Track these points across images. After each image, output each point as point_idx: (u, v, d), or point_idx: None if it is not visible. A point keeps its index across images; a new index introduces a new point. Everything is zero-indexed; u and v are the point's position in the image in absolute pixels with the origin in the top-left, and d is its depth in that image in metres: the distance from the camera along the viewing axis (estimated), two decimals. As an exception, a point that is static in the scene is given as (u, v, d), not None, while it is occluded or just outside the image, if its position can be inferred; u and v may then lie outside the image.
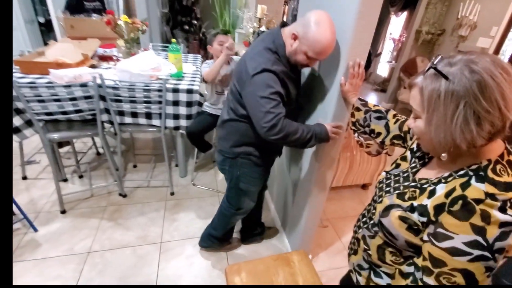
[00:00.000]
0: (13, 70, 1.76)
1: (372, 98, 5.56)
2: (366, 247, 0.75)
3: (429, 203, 0.57)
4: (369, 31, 0.99)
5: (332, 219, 2.14)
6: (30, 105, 1.57)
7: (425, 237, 0.58)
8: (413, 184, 0.65)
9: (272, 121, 0.99)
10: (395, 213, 0.63)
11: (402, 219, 0.61)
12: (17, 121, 1.75)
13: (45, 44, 4.44)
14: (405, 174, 0.71)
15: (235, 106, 1.15)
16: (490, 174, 0.53)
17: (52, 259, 1.59)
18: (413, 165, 0.72)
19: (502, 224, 0.48)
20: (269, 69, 0.99)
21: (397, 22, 5.85)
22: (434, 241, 0.55)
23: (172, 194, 2.16)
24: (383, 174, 0.79)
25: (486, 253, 0.49)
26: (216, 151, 1.35)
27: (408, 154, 0.77)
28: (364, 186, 2.51)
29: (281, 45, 1.05)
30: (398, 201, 0.65)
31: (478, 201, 0.50)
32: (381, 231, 0.68)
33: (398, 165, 0.77)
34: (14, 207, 1.70)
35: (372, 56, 6.11)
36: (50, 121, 1.79)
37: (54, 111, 1.69)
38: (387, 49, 6.03)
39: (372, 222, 0.73)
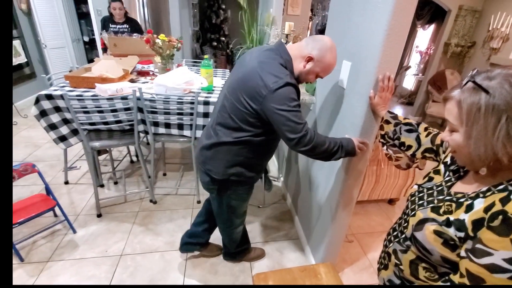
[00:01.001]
0: (63, 85, 1.96)
1: (398, 111, 5.42)
2: (397, 262, 0.73)
3: (467, 218, 0.56)
4: (399, 46, 1.01)
5: (357, 234, 2.09)
6: (77, 115, 1.73)
7: (463, 253, 0.56)
8: (448, 198, 0.64)
9: (302, 132, 1.01)
10: (430, 227, 0.62)
11: (438, 233, 0.60)
12: (64, 130, 1.92)
13: (88, 60, 4.90)
14: (439, 188, 0.70)
15: (236, 126, 1.11)
16: None
17: (88, 259, 1.70)
18: (447, 178, 0.71)
19: None
20: (290, 82, 1.02)
21: (423, 35, 5.75)
22: (472, 257, 0.53)
23: (198, 202, 2.23)
24: (415, 187, 0.78)
25: None
26: (201, 172, 1.27)
27: (441, 167, 0.75)
28: (391, 201, 2.44)
29: (289, 61, 1.09)
30: (433, 215, 0.63)
31: None
32: (414, 246, 0.66)
33: (431, 179, 0.76)
34: (57, 209, 1.86)
35: (400, 70, 6.01)
36: (93, 130, 1.95)
37: (97, 121, 1.84)
38: (414, 62, 5.91)
39: (403, 236, 0.71)
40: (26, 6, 3.81)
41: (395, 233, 0.77)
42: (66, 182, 2.32)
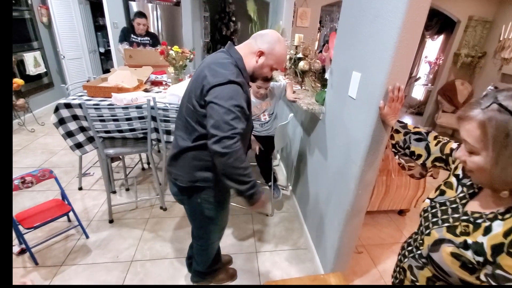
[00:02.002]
0: (81, 94, 2.04)
1: (407, 121, 5.37)
2: (413, 278, 0.71)
3: (485, 242, 0.54)
4: (408, 58, 1.04)
5: (367, 245, 2.06)
6: (94, 123, 1.80)
7: (483, 277, 0.54)
8: (465, 217, 0.61)
9: (227, 133, 0.94)
10: (447, 248, 0.59)
11: (455, 256, 0.58)
12: (81, 137, 1.99)
13: (104, 70, 5.08)
14: (454, 205, 0.67)
15: (191, 128, 1.09)
16: None
17: (100, 264, 1.73)
18: (461, 195, 0.68)
19: None
20: (233, 80, 0.99)
21: (432, 46, 5.74)
22: (493, 283, 0.52)
23: (207, 210, 2.25)
24: (427, 201, 0.75)
25: None
26: (171, 183, 1.24)
27: (453, 180, 0.73)
28: (402, 212, 2.40)
29: (240, 59, 1.08)
30: (449, 236, 0.61)
31: None
32: (431, 266, 0.64)
33: (443, 192, 0.73)
34: (71, 214, 1.91)
35: (409, 80, 5.99)
36: (107, 138, 2.02)
37: (112, 129, 1.91)
38: (423, 72, 5.89)
39: (419, 252, 0.69)
40: (47, 19, 4.01)
41: (409, 248, 0.75)
42: (80, 188, 2.39)
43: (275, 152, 2.64)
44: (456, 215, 0.64)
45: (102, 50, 5.25)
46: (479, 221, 0.58)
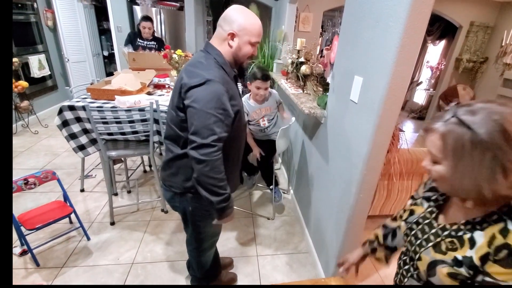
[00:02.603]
0: (85, 96, 2.06)
1: (409, 126, 5.38)
2: None
3: (474, 255, 0.56)
4: (410, 63, 1.04)
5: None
6: (97, 126, 1.82)
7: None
8: (445, 233, 0.63)
9: (206, 140, 0.90)
10: (443, 270, 0.60)
11: (452, 275, 0.59)
12: (84, 139, 2.01)
13: (107, 73, 5.13)
14: (427, 221, 0.69)
15: (175, 136, 1.06)
16: None
17: (101, 266, 1.73)
18: (429, 209, 0.71)
19: None
20: (212, 79, 0.93)
21: (434, 51, 5.76)
22: None
23: (209, 213, 2.25)
24: (403, 224, 0.77)
25: None
26: (164, 189, 1.22)
27: (419, 200, 0.76)
28: (404, 217, 2.39)
29: (218, 54, 1.03)
30: (438, 256, 0.62)
31: None
32: None
33: (412, 212, 0.75)
34: (73, 216, 1.91)
35: (411, 85, 6.00)
36: (110, 140, 2.03)
37: (114, 131, 1.92)
38: (424, 77, 5.91)
39: (417, 272, 0.69)
40: (52, 23, 4.06)
41: (406, 267, 0.75)
42: (82, 190, 2.40)
43: (276, 156, 2.65)
44: (433, 231, 0.66)
45: (105, 53, 5.30)
46: (460, 233, 0.60)
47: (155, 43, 3.43)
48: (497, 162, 0.50)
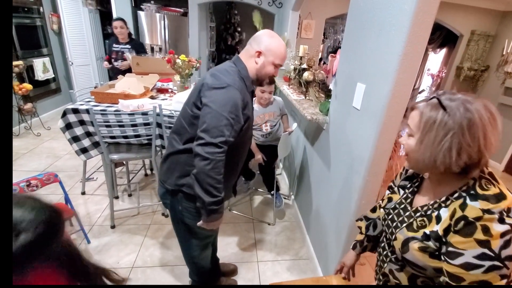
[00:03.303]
0: (88, 99, 2.08)
1: (411, 133, 5.38)
2: (397, 281, 0.76)
3: (439, 228, 0.63)
4: (412, 71, 1.05)
5: (370, 257, 2.03)
6: (100, 129, 1.83)
7: (442, 258, 0.62)
8: (418, 214, 0.70)
9: (214, 140, 0.93)
10: (414, 245, 0.66)
11: (422, 249, 0.65)
12: (86, 142, 2.02)
13: (110, 77, 5.16)
14: (402, 206, 0.77)
15: (183, 130, 1.09)
16: (479, 190, 0.60)
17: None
18: (404, 195, 0.79)
19: (503, 234, 0.55)
20: (232, 85, 1.00)
21: (435, 58, 5.80)
22: (448, 260, 0.60)
23: (209, 217, 2.24)
24: (382, 211, 0.85)
25: (497, 263, 0.55)
26: (159, 184, 1.22)
27: (395, 189, 0.84)
28: (405, 225, 2.38)
29: (243, 68, 1.11)
30: (411, 233, 0.68)
31: (478, 219, 0.57)
32: (408, 266, 0.71)
33: (390, 199, 0.83)
34: (73, 219, 1.91)
35: (413, 92, 6.03)
36: (112, 143, 2.04)
37: (117, 135, 1.93)
38: (426, 84, 5.93)
39: (394, 256, 0.75)
40: (58, 27, 4.12)
41: (385, 253, 0.80)
42: (83, 193, 2.40)
43: (278, 161, 2.65)
44: (407, 213, 0.74)
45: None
46: (428, 212, 0.68)
47: (129, 46, 3.17)
48: (456, 141, 0.58)
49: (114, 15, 4.26)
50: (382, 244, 0.82)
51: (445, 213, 0.63)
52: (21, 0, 3.52)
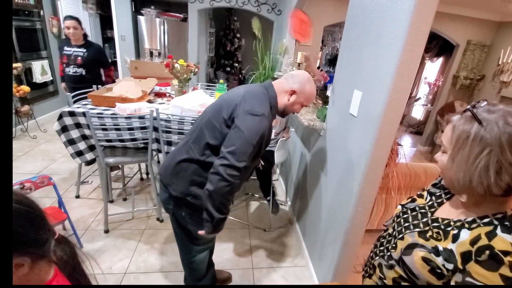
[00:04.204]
0: (85, 102, 2.07)
1: (407, 141, 5.40)
2: (381, 276, 0.75)
3: (455, 249, 0.57)
4: (409, 79, 1.06)
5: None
6: (96, 132, 1.81)
7: (453, 284, 0.57)
8: (435, 224, 0.65)
9: (239, 164, 0.99)
10: (419, 253, 0.63)
11: (426, 260, 0.61)
12: (82, 145, 2.00)
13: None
14: (423, 211, 0.72)
15: (203, 142, 1.10)
16: None
17: (92, 276, 1.68)
18: (430, 203, 0.73)
19: None
20: (265, 114, 1.06)
21: (432, 67, 5.87)
22: None
23: (205, 223, 2.22)
24: (399, 207, 0.79)
25: None
26: (161, 188, 1.22)
27: (424, 193, 0.79)
28: (402, 232, 2.37)
29: (274, 97, 1.17)
30: (421, 241, 0.64)
31: (506, 253, 0.51)
32: (402, 268, 0.67)
33: (413, 200, 0.78)
34: (66, 223, 1.88)
35: (409, 100, 6.09)
36: (108, 147, 2.02)
37: (113, 138, 1.92)
38: (422, 92, 5.99)
39: (389, 254, 0.73)
40: (57, 30, 4.12)
41: (382, 248, 0.78)
42: (78, 196, 2.37)
43: (274, 167, 2.65)
44: (425, 220, 0.69)
45: (108, 61, 5.35)
46: (448, 228, 0.62)
47: (84, 51, 2.65)
48: (494, 159, 0.52)
49: (114, 20, 4.28)
50: (382, 239, 0.80)
51: (465, 234, 0.57)
52: (22, 3, 3.54)
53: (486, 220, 0.57)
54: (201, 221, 1.16)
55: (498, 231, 0.53)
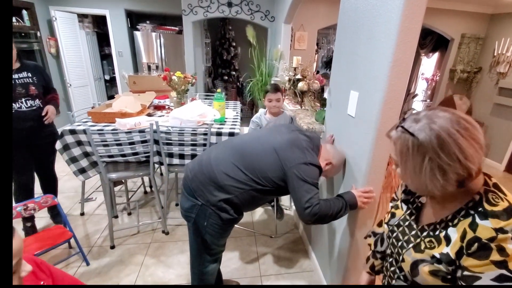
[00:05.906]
0: (86, 120, 2.09)
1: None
2: None
3: (450, 251, 0.59)
4: (404, 76, 1.06)
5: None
6: (97, 148, 1.83)
7: (459, 283, 0.59)
8: (424, 234, 0.66)
9: (314, 208, 1.13)
10: (424, 268, 0.63)
11: (433, 273, 0.61)
12: (84, 162, 2.01)
13: (108, 96, 5.22)
14: (407, 223, 0.73)
15: (254, 172, 1.19)
16: (487, 206, 0.57)
17: (100, 293, 1.67)
18: (408, 211, 0.75)
19: None
20: (319, 166, 1.22)
21: (428, 63, 5.88)
22: (464, 284, 0.57)
23: (210, 233, 2.20)
24: (385, 226, 0.81)
25: None
26: (184, 196, 1.24)
27: (398, 202, 0.80)
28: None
29: (315, 156, 1.28)
30: (419, 255, 0.65)
31: (492, 239, 0.53)
32: None
33: (393, 214, 0.79)
34: (72, 241, 1.88)
35: (407, 97, 6.07)
36: (110, 162, 2.03)
37: (115, 153, 1.93)
38: (420, 88, 5.98)
39: (403, 273, 0.72)
40: (55, 50, 4.19)
41: (392, 269, 0.77)
42: (82, 214, 2.37)
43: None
44: (413, 232, 0.70)
45: (107, 77, 5.43)
46: (436, 232, 0.64)
47: (29, 75, 1.87)
48: (435, 163, 0.55)
49: (111, 37, 4.35)
50: (390, 260, 0.79)
51: (454, 233, 0.60)
52: (18, 26, 3.61)
53: (462, 213, 0.60)
54: (221, 232, 1.25)
55: (477, 220, 0.56)
